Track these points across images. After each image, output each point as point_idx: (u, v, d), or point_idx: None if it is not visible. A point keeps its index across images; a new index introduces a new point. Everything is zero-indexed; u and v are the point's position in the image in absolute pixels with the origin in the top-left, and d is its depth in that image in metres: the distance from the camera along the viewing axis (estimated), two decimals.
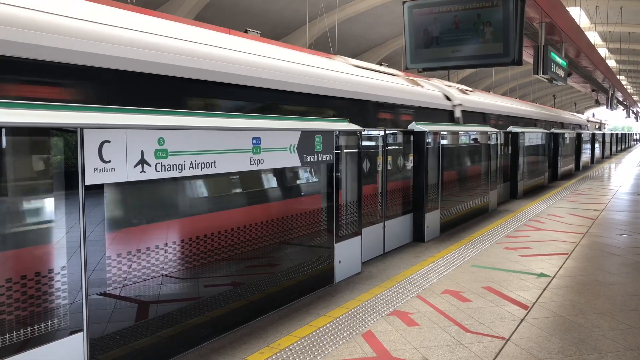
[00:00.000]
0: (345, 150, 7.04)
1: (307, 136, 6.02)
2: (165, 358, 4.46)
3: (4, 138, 3.38)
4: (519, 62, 9.26)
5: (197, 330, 4.75)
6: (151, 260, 4.34)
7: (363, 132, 7.49)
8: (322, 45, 18.06)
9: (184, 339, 4.63)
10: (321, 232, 6.52)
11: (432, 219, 9.67)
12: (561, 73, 12.51)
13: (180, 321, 4.59)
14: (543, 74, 11.34)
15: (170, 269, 4.51)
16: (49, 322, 3.58)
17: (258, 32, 8.67)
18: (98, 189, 3.86)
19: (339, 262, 6.76)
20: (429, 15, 10.08)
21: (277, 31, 20.05)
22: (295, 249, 6.08)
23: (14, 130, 3.42)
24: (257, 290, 5.47)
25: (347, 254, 6.92)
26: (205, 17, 15.94)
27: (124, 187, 4.16)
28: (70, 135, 3.68)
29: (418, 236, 9.38)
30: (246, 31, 8.18)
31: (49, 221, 3.68)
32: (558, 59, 12.12)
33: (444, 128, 10.07)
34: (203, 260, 4.83)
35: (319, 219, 6.49)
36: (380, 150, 8.34)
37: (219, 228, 5.02)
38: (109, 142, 3.88)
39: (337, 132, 6.63)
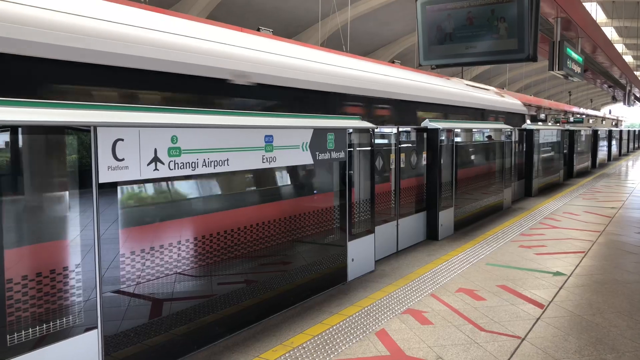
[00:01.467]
0: (358, 148, 7.01)
1: (319, 134, 6.00)
2: (179, 355, 4.47)
3: (20, 136, 3.40)
4: (534, 58, 9.14)
5: (210, 328, 4.76)
6: (164, 258, 4.35)
7: (376, 130, 7.45)
8: (334, 43, 18.01)
9: (198, 336, 4.64)
10: (334, 230, 6.49)
11: (446, 217, 9.59)
12: (577, 69, 12.34)
13: (194, 319, 4.60)
14: (558, 70, 11.20)
15: (183, 267, 4.52)
16: (64, 320, 3.61)
17: (270, 30, 8.66)
18: (112, 187, 3.88)
19: (352, 260, 6.73)
20: (443, 11, 9.99)
21: (290, 29, 20.05)
22: (308, 247, 6.06)
23: (30, 129, 3.44)
24: (270, 288, 5.47)
25: (360, 252, 6.89)
26: (217, 16, 15.98)
27: (137, 185, 4.17)
28: (84, 134, 3.70)
29: (432, 234, 9.32)
30: (259, 29, 8.17)
31: (63, 219, 3.70)
32: (574, 55, 11.96)
33: (457, 125, 9.98)
34: (216, 258, 4.84)
35: (332, 217, 6.47)
36: (393, 147, 8.29)
37: (232, 226, 5.02)
38: (122, 140, 3.89)
39: (350, 130, 6.59)
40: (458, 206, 10.10)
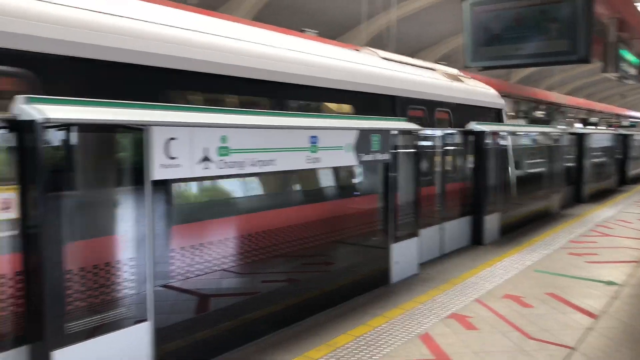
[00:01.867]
0: (402, 150, 6.96)
1: (364, 135, 6.00)
2: (225, 350, 4.55)
3: (77, 135, 3.54)
4: (586, 59, 8.85)
5: (255, 324, 4.83)
6: (213, 255, 4.45)
7: (420, 132, 7.38)
8: (379, 45, 17.96)
9: (243, 332, 4.72)
10: (378, 232, 6.48)
11: (492, 222, 9.39)
12: (632, 71, 11.87)
13: (240, 315, 4.69)
14: (613, 72, 10.80)
15: (230, 264, 4.61)
16: (118, 311, 3.74)
17: (316, 32, 8.71)
18: (164, 184, 4.00)
19: (396, 262, 6.69)
20: (491, 12, 9.81)
21: (335, 31, 20.11)
22: (352, 249, 6.07)
23: (87, 127, 3.58)
24: (313, 288, 5.51)
25: (403, 255, 6.84)
26: (263, 17, 16.20)
27: (187, 183, 4.29)
28: (139, 132, 3.82)
29: (477, 239, 9.14)
30: (302, 31, 8.24)
31: (118, 215, 3.85)
32: (629, 57, 11.51)
33: (504, 128, 9.77)
34: (261, 256, 4.92)
35: (376, 219, 6.46)
36: (438, 150, 8.20)
37: (277, 225, 5.09)
38: (174, 139, 4.00)
39: (394, 131, 6.56)
40: (504, 211, 9.87)
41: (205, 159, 4.25)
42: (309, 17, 18.48)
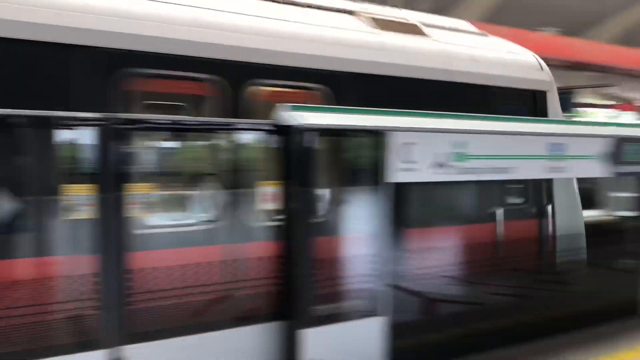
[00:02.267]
0: None
1: (618, 144, 5.33)
2: (450, 357, 4.50)
3: (326, 138, 3.90)
4: None
5: (484, 336, 4.69)
6: (448, 260, 4.48)
7: None
8: (633, 42, 15.73)
9: (471, 341, 4.62)
10: (628, 254, 5.72)
11: None
12: None
13: (468, 324, 4.61)
14: None
15: (462, 272, 4.58)
16: (356, 303, 4.01)
17: (558, 29, 8.05)
18: (400, 186, 4.14)
19: None
20: None
21: (575, 28, 18.39)
22: (595, 271, 5.49)
23: (336, 132, 3.92)
24: (547, 308, 5.12)
25: None
26: (497, 18, 15.60)
27: (422, 187, 4.38)
28: (379, 137, 4.03)
29: None
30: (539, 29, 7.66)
31: (357, 213, 4.10)
32: None
33: None
34: (490, 267, 4.77)
35: (626, 240, 5.71)
36: None
37: (513, 238, 4.88)
38: (411, 144, 4.12)
39: None
40: None
41: (441, 164, 4.28)
42: (546, 16, 17.24)
